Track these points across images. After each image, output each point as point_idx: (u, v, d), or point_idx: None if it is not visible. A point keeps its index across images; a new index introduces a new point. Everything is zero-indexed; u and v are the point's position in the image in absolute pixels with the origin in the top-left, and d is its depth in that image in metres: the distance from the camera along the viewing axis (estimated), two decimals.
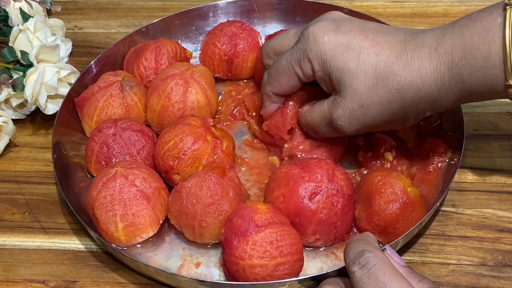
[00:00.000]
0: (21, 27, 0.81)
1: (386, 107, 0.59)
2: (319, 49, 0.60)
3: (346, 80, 0.59)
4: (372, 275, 0.46)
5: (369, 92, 0.59)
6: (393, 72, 0.57)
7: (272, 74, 0.66)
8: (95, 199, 0.62)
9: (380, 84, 0.58)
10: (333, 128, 0.63)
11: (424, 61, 0.57)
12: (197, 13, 0.87)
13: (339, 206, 0.60)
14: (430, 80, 0.57)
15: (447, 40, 0.56)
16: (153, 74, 0.77)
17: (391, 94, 0.58)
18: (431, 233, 0.64)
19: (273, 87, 0.66)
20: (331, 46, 0.60)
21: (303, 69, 0.62)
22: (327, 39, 0.60)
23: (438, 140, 0.68)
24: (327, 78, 0.61)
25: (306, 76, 0.63)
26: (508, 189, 0.68)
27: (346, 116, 0.61)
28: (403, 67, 0.57)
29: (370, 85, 0.58)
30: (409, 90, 0.57)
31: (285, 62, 0.64)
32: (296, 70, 0.63)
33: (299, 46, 0.62)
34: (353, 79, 0.59)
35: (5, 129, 0.75)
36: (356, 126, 0.61)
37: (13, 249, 0.66)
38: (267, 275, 0.56)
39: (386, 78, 0.58)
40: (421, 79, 0.57)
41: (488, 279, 0.60)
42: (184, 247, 0.64)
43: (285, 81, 0.64)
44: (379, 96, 0.58)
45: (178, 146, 0.65)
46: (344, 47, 0.59)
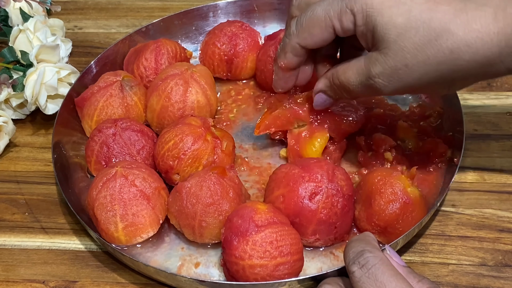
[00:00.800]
0: (21, 27, 0.81)
1: (435, 68, 0.54)
2: (365, 2, 0.55)
3: (391, 37, 0.54)
4: (372, 275, 0.46)
5: (417, 51, 0.53)
6: (449, 30, 0.52)
7: (303, 24, 0.59)
8: (95, 199, 0.62)
9: (432, 43, 0.53)
10: (369, 87, 0.58)
11: (488, 21, 0.51)
12: (197, 13, 0.87)
13: (339, 206, 0.60)
14: (492, 42, 0.51)
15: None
16: (153, 74, 0.77)
17: (443, 55, 0.53)
18: (431, 233, 0.64)
19: (302, 39, 0.60)
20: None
21: (342, 22, 0.57)
22: None
23: (438, 140, 0.68)
24: (370, 34, 0.56)
25: (344, 30, 0.57)
26: (508, 189, 0.68)
27: (386, 75, 0.55)
28: (462, 25, 0.52)
29: (420, 43, 0.53)
30: (465, 52, 0.52)
31: (322, 12, 0.58)
32: (334, 22, 0.57)
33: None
34: (399, 35, 0.53)
35: (5, 129, 0.75)
36: (396, 85, 0.56)
37: (13, 249, 0.66)
38: (267, 275, 0.56)
39: (439, 36, 0.52)
40: (482, 40, 0.51)
41: (488, 279, 0.60)
42: (183, 247, 0.64)
43: (318, 33, 0.59)
44: (428, 56, 0.53)
45: (178, 146, 0.65)
46: (393, 1, 0.54)
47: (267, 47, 0.78)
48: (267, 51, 0.77)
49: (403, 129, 0.70)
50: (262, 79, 0.79)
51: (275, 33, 0.79)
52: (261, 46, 0.80)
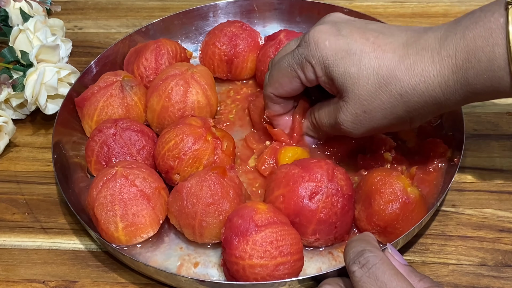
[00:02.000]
0: (21, 27, 0.81)
1: (390, 111, 0.58)
2: (321, 55, 0.60)
3: (348, 86, 0.59)
4: (372, 274, 0.46)
5: (371, 98, 0.58)
6: (396, 76, 0.57)
7: (273, 76, 0.65)
8: (95, 199, 0.62)
9: (383, 89, 0.57)
10: (338, 130, 0.63)
11: (427, 65, 0.56)
12: (197, 13, 0.87)
13: (339, 206, 0.60)
14: (434, 84, 0.56)
15: (449, 42, 0.55)
16: (153, 74, 0.77)
17: (394, 99, 0.57)
18: (431, 233, 0.64)
19: (274, 89, 0.66)
20: (332, 51, 0.59)
21: (305, 73, 0.62)
22: (328, 43, 0.59)
23: (438, 140, 0.68)
24: (330, 83, 0.61)
25: (309, 80, 0.63)
26: (508, 189, 0.68)
27: (349, 121, 0.61)
28: (406, 71, 0.56)
29: (373, 90, 0.58)
30: (413, 95, 0.57)
31: (287, 65, 0.63)
32: (298, 74, 0.63)
33: (301, 51, 0.62)
34: (354, 84, 0.58)
35: (5, 129, 0.75)
36: (361, 130, 0.61)
37: (13, 249, 0.66)
38: (267, 275, 0.56)
39: (388, 83, 0.57)
40: (425, 83, 0.56)
41: (488, 279, 0.60)
42: (181, 247, 0.64)
43: (287, 83, 0.64)
44: (382, 101, 0.58)
45: (178, 146, 0.65)
46: (345, 52, 0.59)
47: (267, 48, 0.78)
48: (267, 52, 0.77)
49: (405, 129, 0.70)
50: (262, 79, 0.78)
51: (275, 33, 0.79)
52: (261, 46, 0.80)
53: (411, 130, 0.70)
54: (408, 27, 0.60)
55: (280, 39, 0.77)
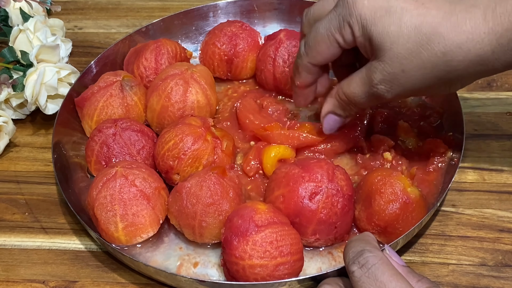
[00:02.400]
0: (21, 27, 0.81)
1: (430, 71, 0.55)
2: (359, 14, 0.57)
3: (386, 45, 0.56)
4: (372, 274, 0.46)
5: (411, 56, 0.55)
6: (440, 34, 0.53)
7: (310, 44, 0.62)
8: (95, 199, 0.62)
9: (425, 47, 0.54)
10: (373, 94, 0.59)
11: (478, 22, 0.52)
12: (197, 13, 0.87)
13: (339, 206, 0.60)
14: (483, 42, 0.53)
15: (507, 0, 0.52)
16: (153, 74, 0.77)
17: (436, 58, 0.54)
18: (431, 233, 0.64)
19: (311, 58, 0.62)
20: (371, 10, 0.56)
21: (344, 35, 0.59)
22: (366, 2, 0.56)
23: (438, 140, 0.68)
24: (368, 43, 0.58)
25: (347, 42, 0.59)
26: (508, 189, 0.68)
27: (387, 81, 0.57)
28: (452, 28, 0.53)
29: (413, 49, 0.55)
30: (458, 53, 0.54)
31: (324, 30, 0.60)
32: (336, 37, 0.59)
33: (338, 12, 0.59)
34: (393, 43, 0.55)
35: (5, 129, 0.75)
36: (398, 90, 0.58)
37: (13, 249, 0.66)
38: (267, 275, 0.56)
39: (431, 40, 0.54)
40: (473, 41, 0.53)
41: (488, 279, 0.60)
42: (181, 247, 0.64)
43: (325, 49, 0.61)
44: (422, 60, 0.55)
45: (178, 146, 0.65)
46: (384, 10, 0.56)
47: (267, 47, 0.78)
48: (267, 51, 0.77)
49: (403, 129, 0.70)
50: (262, 79, 0.79)
51: (275, 33, 0.79)
52: (261, 46, 0.80)
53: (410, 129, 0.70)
54: None
55: (280, 39, 0.77)
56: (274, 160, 0.68)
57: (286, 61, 0.76)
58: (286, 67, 0.76)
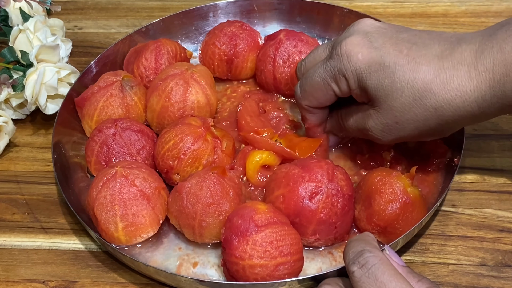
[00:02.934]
0: (21, 27, 0.81)
1: (423, 124, 0.59)
2: (354, 68, 0.60)
3: (381, 97, 0.59)
4: (372, 274, 0.46)
5: (405, 110, 0.58)
6: (431, 90, 0.56)
7: (306, 90, 0.65)
8: (95, 199, 0.62)
9: (417, 102, 0.57)
10: (365, 135, 0.64)
11: (464, 80, 0.55)
12: (197, 13, 0.87)
13: (339, 206, 0.60)
14: (470, 99, 0.56)
15: (486, 57, 0.55)
16: (153, 74, 0.77)
17: (428, 113, 0.57)
18: (431, 233, 0.64)
19: (309, 102, 0.65)
20: (365, 64, 0.59)
21: (340, 86, 0.62)
22: (361, 56, 0.59)
23: (438, 140, 0.68)
24: (364, 94, 0.61)
25: (342, 92, 0.62)
26: (508, 189, 0.68)
27: (379, 130, 0.61)
28: (442, 85, 0.56)
29: (406, 103, 0.58)
30: (448, 109, 0.57)
31: (320, 78, 0.63)
32: (332, 87, 0.62)
33: (333, 64, 0.61)
34: (388, 96, 0.58)
35: (5, 129, 0.75)
36: (389, 138, 0.62)
37: (13, 249, 0.66)
38: (267, 275, 0.56)
39: (423, 96, 0.57)
40: (461, 98, 0.56)
41: (488, 279, 0.60)
42: (180, 247, 0.64)
43: (321, 96, 0.64)
44: (415, 114, 0.58)
45: (178, 146, 0.65)
46: (378, 65, 0.58)
47: (267, 47, 0.78)
48: (267, 51, 0.77)
49: None
50: (262, 79, 0.79)
51: (275, 33, 0.79)
52: (261, 46, 0.80)
53: None
54: (439, 35, 0.60)
55: (280, 39, 0.77)
56: (257, 166, 0.67)
57: (286, 61, 0.76)
58: (286, 67, 0.76)
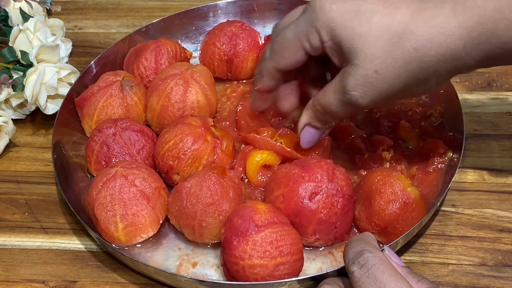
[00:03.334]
0: (21, 27, 0.81)
1: (403, 69, 0.54)
2: (327, 18, 0.56)
3: (357, 46, 0.55)
4: (371, 275, 0.46)
5: (383, 55, 0.54)
6: (410, 30, 0.53)
7: (275, 48, 0.61)
8: (95, 199, 0.62)
9: (396, 45, 0.53)
10: (347, 102, 0.58)
11: (448, 16, 0.52)
12: (197, 13, 0.87)
13: (339, 206, 0.60)
14: (454, 36, 0.52)
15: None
16: (153, 74, 0.77)
17: (408, 54, 0.53)
18: (431, 233, 0.64)
19: (276, 63, 0.61)
20: (339, 13, 0.55)
21: (310, 40, 0.58)
22: (335, 6, 0.56)
23: (438, 140, 0.68)
24: (337, 47, 0.57)
25: (314, 48, 0.58)
26: (508, 189, 0.68)
27: (360, 85, 0.55)
28: (422, 24, 0.53)
29: (385, 48, 0.54)
30: (429, 48, 0.53)
31: (291, 35, 0.59)
32: (303, 43, 0.58)
33: (306, 17, 0.58)
34: (364, 44, 0.54)
35: (5, 129, 0.75)
36: (372, 94, 0.56)
37: (13, 249, 0.66)
38: (267, 275, 0.56)
39: (402, 37, 0.53)
40: (444, 34, 0.52)
41: (488, 279, 0.60)
42: (180, 247, 0.64)
43: (290, 55, 0.60)
44: (394, 58, 0.54)
45: (178, 146, 0.65)
46: (353, 13, 0.55)
47: None
48: None
49: (405, 129, 0.70)
50: None
51: None
52: (261, 46, 0.80)
53: (411, 129, 0.70)
54: None
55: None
56: (257, 165, 0.67)
57: None
58: None
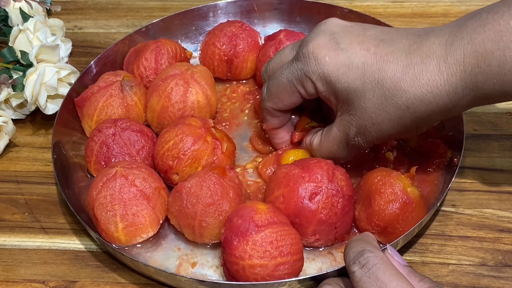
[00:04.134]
0: (21, 27, 0.81)
1: (397, 123, 0.58)
2: (322, 71, 0.59)
3: (354, 99, 0.58)
4: (372, 274, 0.46)
5: (378, 110, 0.58)
6: (401, 88, 0.56)
7: (271, 90, 0.64)
8: (95, 199, 0.62)
9: (389, 102, 0.57)
10: (351, 147, 0.63)
11: (434, 74, 0.55)
12: (197, 13, 0.87)
13: (339, 206, 0.60)
14: (441, 93, 0.55)
15: (456, 48, 0.54)
16: (153, 74, 0.77)
17: (401, 111, 0.57)
18: (431, 233, 0.64)
19: (273, 104, 0.65)
20: (333, 67, 0.58)
21: (306, 88, 0.61)
22: (328, 59, 0.59)
23: (438, 140, 0.68)
24: (333, 97, 0.60)
25: (309, 94, 0.62)
26: (508, 189, 0.68)
27: (361, 133, 0.60)
28: (411, 82, 0.55)
29: (379, 103, 0.57)
30: (420, 106, 0.56)
31: (286, 80, 0.62)
32: (298, 89, 0.62)
33: (299, 66, 0.61)
34: (360, 98, 0.58)
35: (5, 129, 0.75)
36: (371, 140, 0.61)
37: (13, 249, 0.66)
38: (267, 275, 0.56)
39: (394, 95, 0.56)
40: (432, 93, 0.55)
41: (488, 279, 0.60)
42: (180, 247, 0.64)
43: (286, 97, 0.64)
44: (389, 113, 0.57)
45: (177, 146, 0.65)
46: (347, 67, 0.58)
47: (267, 47, 0.78)
48: (267, 52, 0.77)
49: None
50: (261, 79, 0.78)
51: (275, 33, 0.79)
52: (261, 46, 0.80)
53: None
54: (407, 30, 0.59)
55: (280, 39, 0.77)
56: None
57: None
58: None
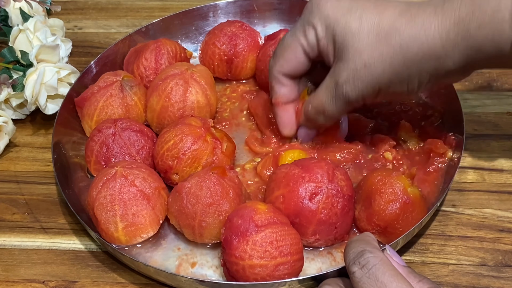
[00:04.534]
0: (21, 27, 0.81)
1: (389, 64, 0.58)
2: (322, 15, 0.61)
3: (348, 41, 0.60)
4: (372, 275, 0.46)
5: (371, 50, 0.59)
6: (396, 28, 0.58)
7: (277, 52, 0.66)
8: (95, 199, 0.62)
9: (383, 41, 0.58)
10: (339, 97, 0.62)
11: (429, 16, 0.57)
12: (197, 13, 0.87)
13: (339, 206, 0.60)
14: (434, 34, 0.56)
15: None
16: (153, 74, 0.77)
17: (393, 50, 0.58)
18: (431, 233, 0.64)
19: (279, 66, 0.66)
20: (333, 10, 0.61)
21: (307, 37, 0.63)
22: (329, 4, 0.61)
23: (438, 140, 0.68)
24: (331, 44, 0.62)
25: (310, 45, 0.63)
26: (508, 189, 0.68)
27: (350, 79, 0.60)
28: (406, 22, 0.58)
29: (372, 43, 0.59)
30: (412, 45, 0.57)
31: (290, 37, 0.64)
32: (301, 41, 0.63)
33: (303, 17, 0.63)
34: (355, 38, 0.59)
35: (5, 129, 0.75)
36: (361, 87, 0.60)
37: (13, 249, 0.66)
38: (267, 275, 0.56)
39: (388, 34, 0.58)
40: (425, 32, 0.57)
41: (488, 279, 0.60)
42: (179, 247, 0.64)
43: (291, 56, 0.65)
44: (381, 53, 0.58)
45: (177, 146, 0.65)
46: (346, 9, 0.60)
47: (267, 47, 0.78)
48: (267, 51, 0.77)
49: (405, 128, 0.70)
50: (262, 79, 0.79)
51: (275, 33, 0.79)
52: (261, 46, 0.80)
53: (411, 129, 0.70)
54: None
55: (280, 39, 0.77)
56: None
57: None
58: None
